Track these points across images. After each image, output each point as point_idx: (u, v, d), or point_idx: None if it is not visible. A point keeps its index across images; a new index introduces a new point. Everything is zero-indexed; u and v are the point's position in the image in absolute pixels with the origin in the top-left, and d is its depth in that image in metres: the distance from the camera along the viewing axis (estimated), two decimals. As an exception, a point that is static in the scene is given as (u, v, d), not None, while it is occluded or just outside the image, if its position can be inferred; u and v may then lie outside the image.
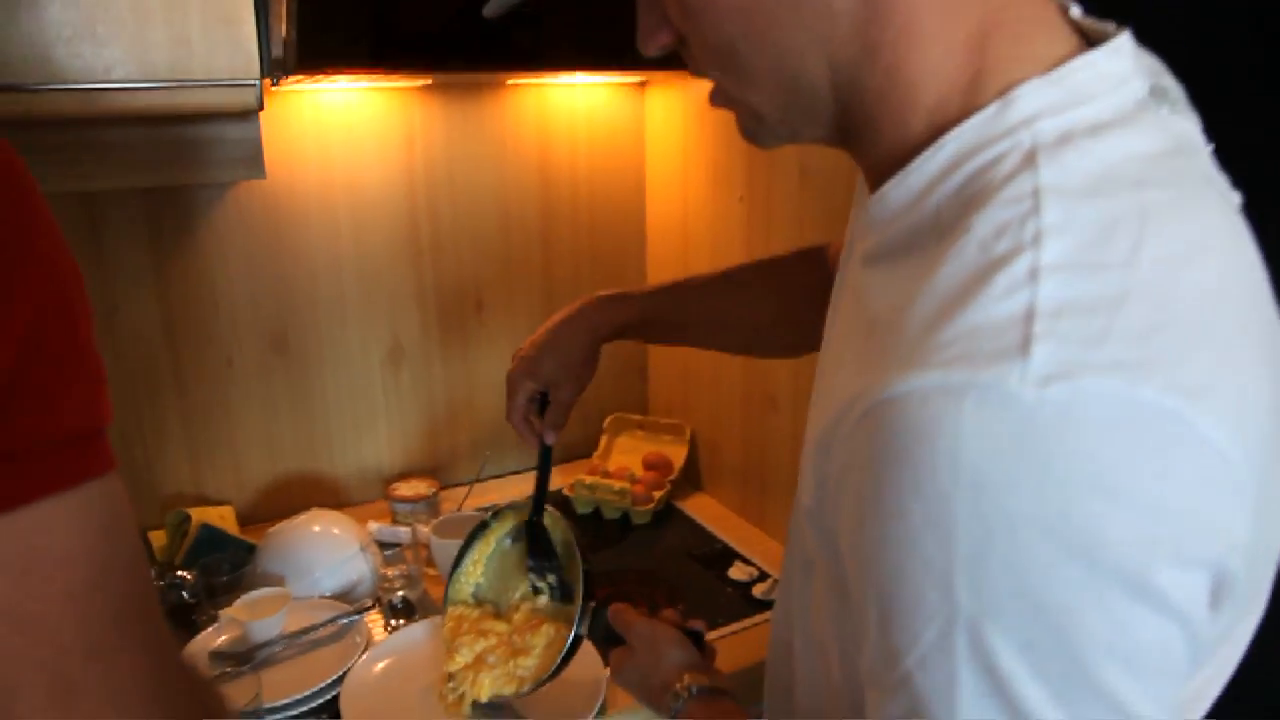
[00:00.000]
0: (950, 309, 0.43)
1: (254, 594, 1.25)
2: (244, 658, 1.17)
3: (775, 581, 1.37)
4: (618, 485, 1.60)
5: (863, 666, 0.48)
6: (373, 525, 1.50)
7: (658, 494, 1.63)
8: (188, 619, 1.27)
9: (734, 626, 1.28)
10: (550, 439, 1.07)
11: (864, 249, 0.56)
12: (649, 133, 1.76)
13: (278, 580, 1.31)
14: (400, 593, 1.33)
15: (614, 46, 1.29)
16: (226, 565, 1.35)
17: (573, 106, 1.69)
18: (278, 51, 1.11)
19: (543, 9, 1.19)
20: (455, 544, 1.28)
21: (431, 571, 1.43)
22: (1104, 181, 0.44)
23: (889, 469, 0.42)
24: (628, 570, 1.45)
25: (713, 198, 1.58)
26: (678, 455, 1.73)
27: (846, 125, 0.55)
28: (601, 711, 1.09)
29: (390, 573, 1.36)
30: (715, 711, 0.81)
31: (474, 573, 1.14)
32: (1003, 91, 0.48)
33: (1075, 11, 0.54)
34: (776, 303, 1.04)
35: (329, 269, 1.54)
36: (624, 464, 1.72)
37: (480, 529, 1.14)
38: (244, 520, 1.52)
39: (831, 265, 1.02)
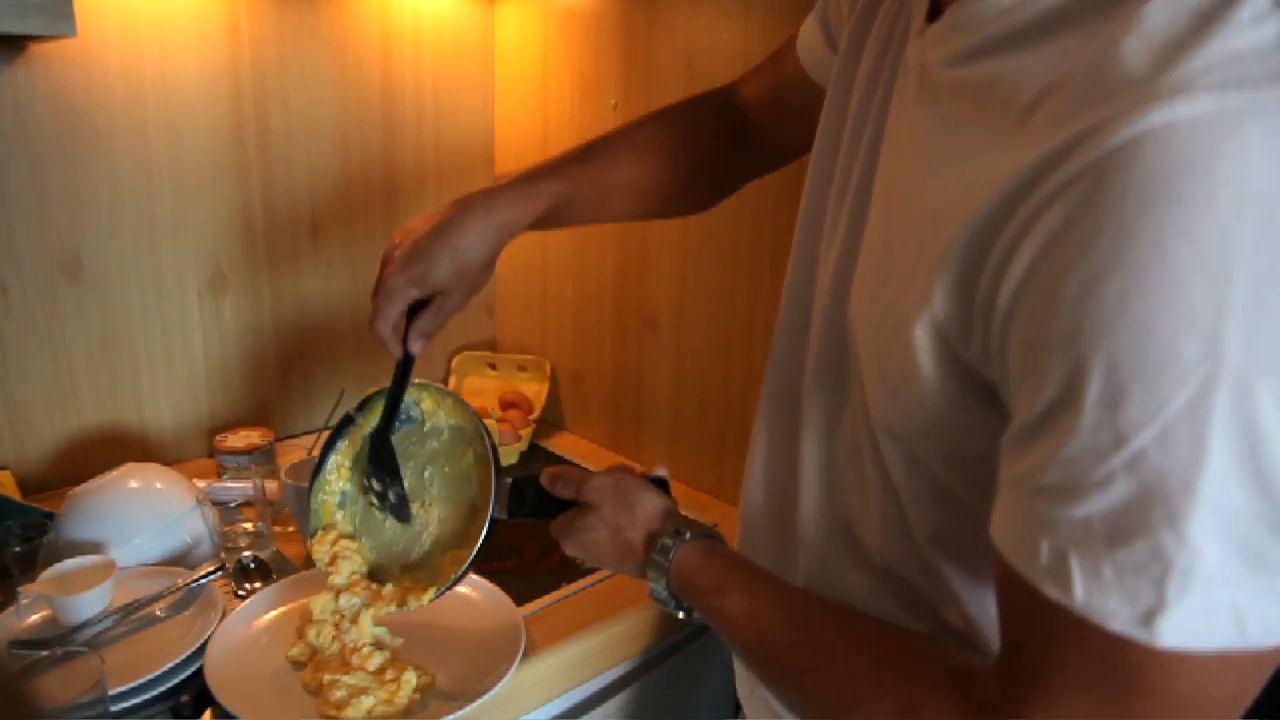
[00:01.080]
0: (1190, 39, 0.40)
1: (64, 565, 1.01)
2: (60, 643, 0.94)
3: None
4: (480, 426, 1.46)
5: (1022, 475, 0.45)
6: (200, 483, 1.27)
7: (524, 432, 1.50)
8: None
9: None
10: (417, 348, 0.91)
11: (969, 44, 0.52)
12: (499, 45, 1.61)
13: (90, 549, 1.07)
14: (248, 553, 1.13)
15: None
16: (16, 538, 1.09)
17: (418, 15, 1.51)
18: None
19: None
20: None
21: (283, 529, 1.23)
22: None
23: (1144, 211, 0.38)
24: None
25: (579, 106, 1.46)
26: (537, 393, 1.61)
27: None
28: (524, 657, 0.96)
29: (234, 530, 1.15)
30: (716, 555, 0.71)
31: (339, 477, 0.98)
32: None
33: None
34: (689, 159, 0.96)
35: (135, 177, 1.28)
36: (479, 405, 1.57)
37: (345, 425, 0.98)
38: (29, 489, 1.25)
39: (747, 105, 0.96)
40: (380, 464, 0.95)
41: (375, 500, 0.96)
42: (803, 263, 0.76)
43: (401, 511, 0.95)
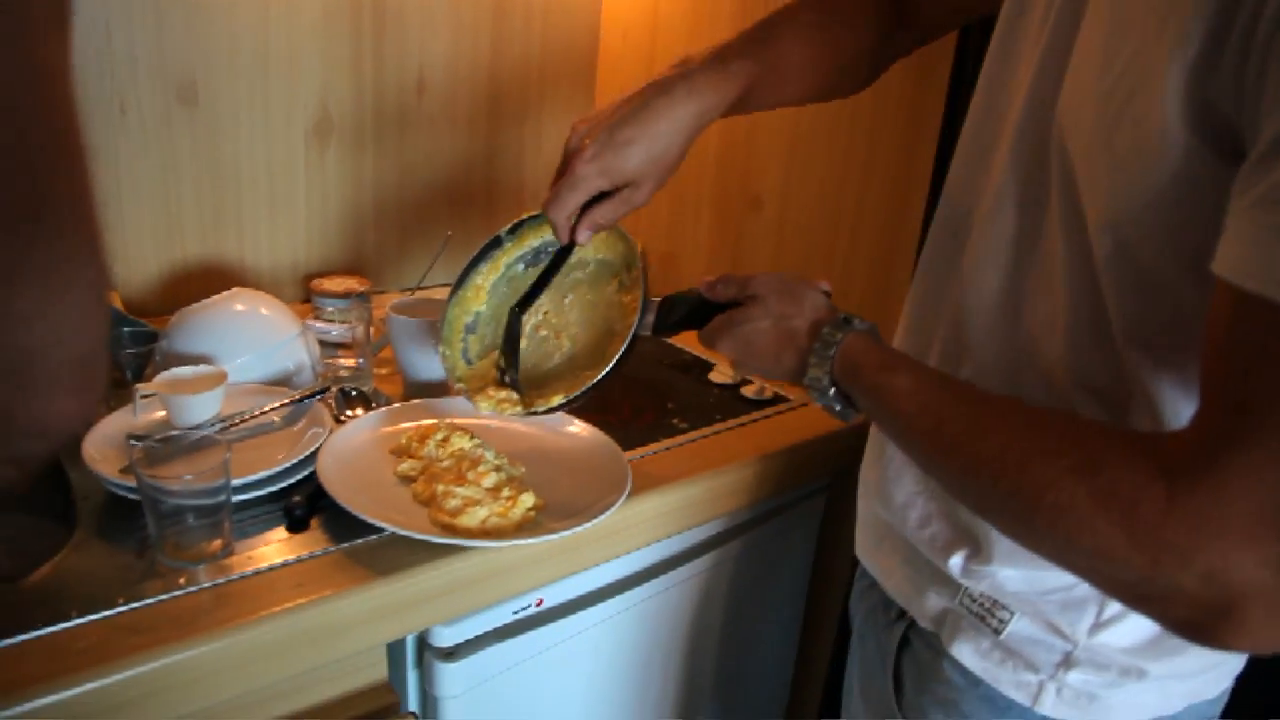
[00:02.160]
0: None
1: (178, 370, 1.02)
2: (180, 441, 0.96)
3: (763, 384, 1.28)
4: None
5: (1269, 188, 0.44)
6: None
7: (613, 310, 1.49)
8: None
9: (730, 423, 1.18)
10: (584, 239, 0.86)
11: None
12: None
13: (198, 361, 1.08)
14: (350, 385, 1.14)
15: None
16: (126, 350, 1.10)
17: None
18: None
19: None
20: (416, 321, 1.11)
21: (380, 371, 1.24)
22: None
23: None
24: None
25: (689, 39, 1.43)
26: (624, 278, 1.59)
27: None
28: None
29: (335, 363, 1.16)
30: (883, 343, 0.71)
31: (476, 298, 0.98)
32: None
33: None
34: (853, 38, 0.92)
35: (252, 9, 1.27)
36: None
37: (492, 246, 0.97)
38: (131, 313, 1.26)
39: None
40: (506, 341, 0.93)
41: (499, 373, 0.95)
42: (988, 99, 0.73)
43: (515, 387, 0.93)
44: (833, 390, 0.72)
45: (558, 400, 0.89)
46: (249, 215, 1.35)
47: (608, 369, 0.87)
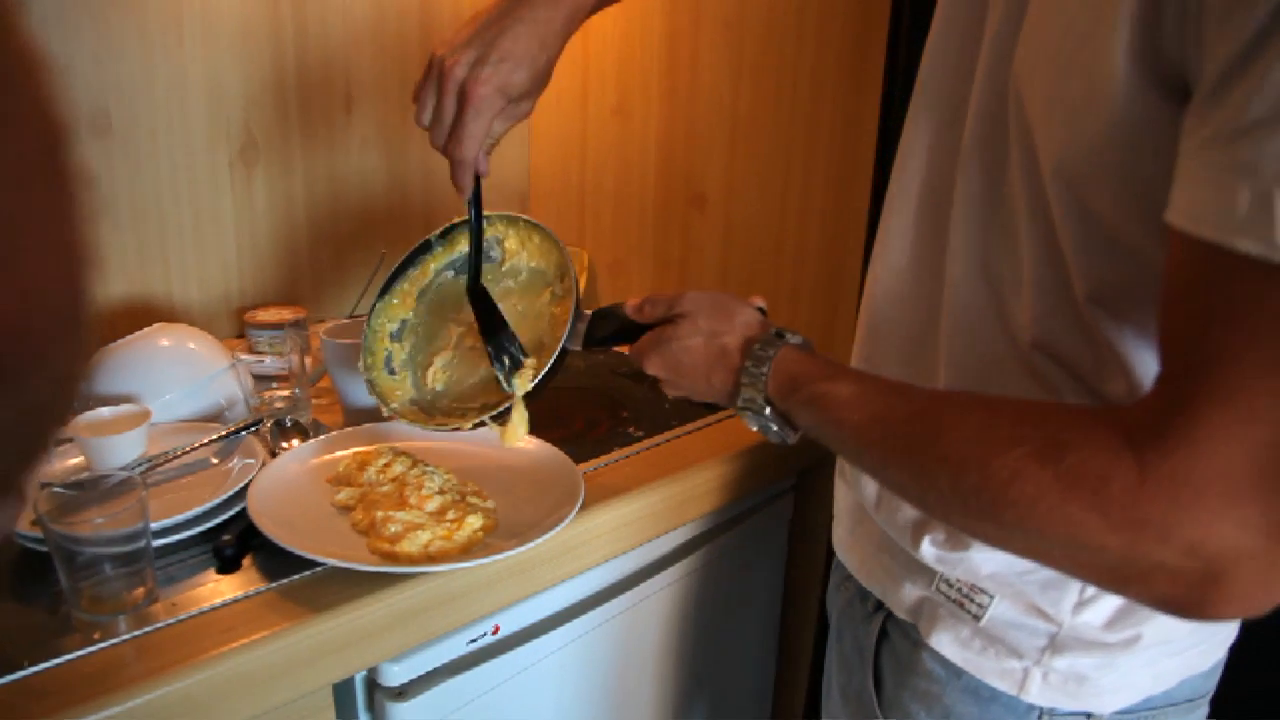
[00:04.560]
0: None
1: (98, 411, 0.96)
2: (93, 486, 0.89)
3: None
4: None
5: (1220, 123, 0.42)
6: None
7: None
8: None
9: (689, 427, 1.14)
10: (486, 167, 0.83)
11: None
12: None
13: (122, 401, 1.02)
14: (287, 417, 1.08)
15: None
16: (45, 392, 1.04)
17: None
18: None
19: None
20: (354, 344, 1.06)
21: (319, 401, 1.18)
22: None
23: None
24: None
25: None
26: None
27: None
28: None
29: (270, 395, 1.10)
30: (819, 355, 0.68)
31: (403, 304, 0.93)
32: None
33: None
34: None
35: (166, 33, 1.21)
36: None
37: (421, 251, 0.93)
38: (55, 351, 1.19)
39: None
40: (488, 327, 0.87)
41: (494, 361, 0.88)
42: (955, 45, 0.70)
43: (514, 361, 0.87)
44: (768, 409, 0.68)
45: (480, 419, 0.84)
46: (174, 248, 1.29)
47: (532, 385, 0.82)
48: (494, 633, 0.92)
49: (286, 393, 1.12)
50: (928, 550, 0.69)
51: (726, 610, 1.21)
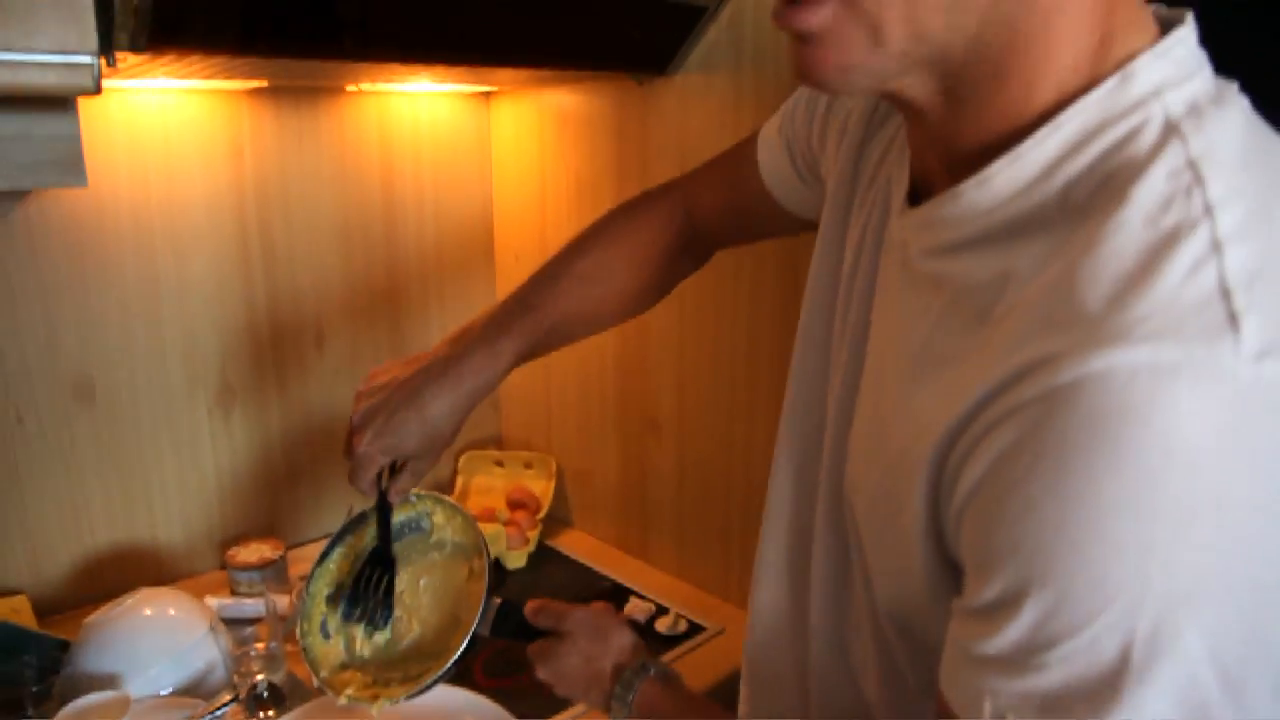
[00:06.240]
0: (1134, 284, 0.43)
1: (82, 701, 1.02)
2: (78, 785, 0.95)
3: (678, 615, 1.30)
4: (489, 529, 1.47)
5: (967, 642, 0.48)
6: (212, 601, 1.28)
7: (531, 534, 1.51)
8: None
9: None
10: (397, 501, 0.96)
11: (946, 240, 0.54)
12: (496, 145, 1.64)
13: (106, 681, 1.08)
14: (261, 677, 1.14)
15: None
16: (32, 672, 1.10)
17: (416, 118, 1.54)
18: (122, 20, 0.87)
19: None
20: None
21: (295, 649, 1.24)
22: (1246, 152, 0.46)
23: (1082, 451, 0.41)
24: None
25: (576, 202, 1.49)
26: (543, 490, 1.62)
27: (958, 82, 0.50)
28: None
29: (246, 654, 1.16)
30: (679, 688, 0.81)
31: (339, 571, 1.00)
32: (1120, 64, 0.48)
33: None
34: (637, 281, 0.99)
35: (144, 300, 1.30)
36: (486, 505, 1.59)
37: (357, 521, 1.01)
38: (44, 611, 1.26)
39: (704, 213, 0.98)
40: (359, 599, 0.97)
41: (345, 616, 0.98)
42: (811, 369, 0.76)
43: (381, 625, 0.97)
44: None
45: (402, 695, 0.90)
46: (158, 495, 1.36)
47: (446, 666, 0.89)
48: None
49: (263, 645, 1.17)
50: None
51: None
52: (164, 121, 1.27)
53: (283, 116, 1.38)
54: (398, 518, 1.03)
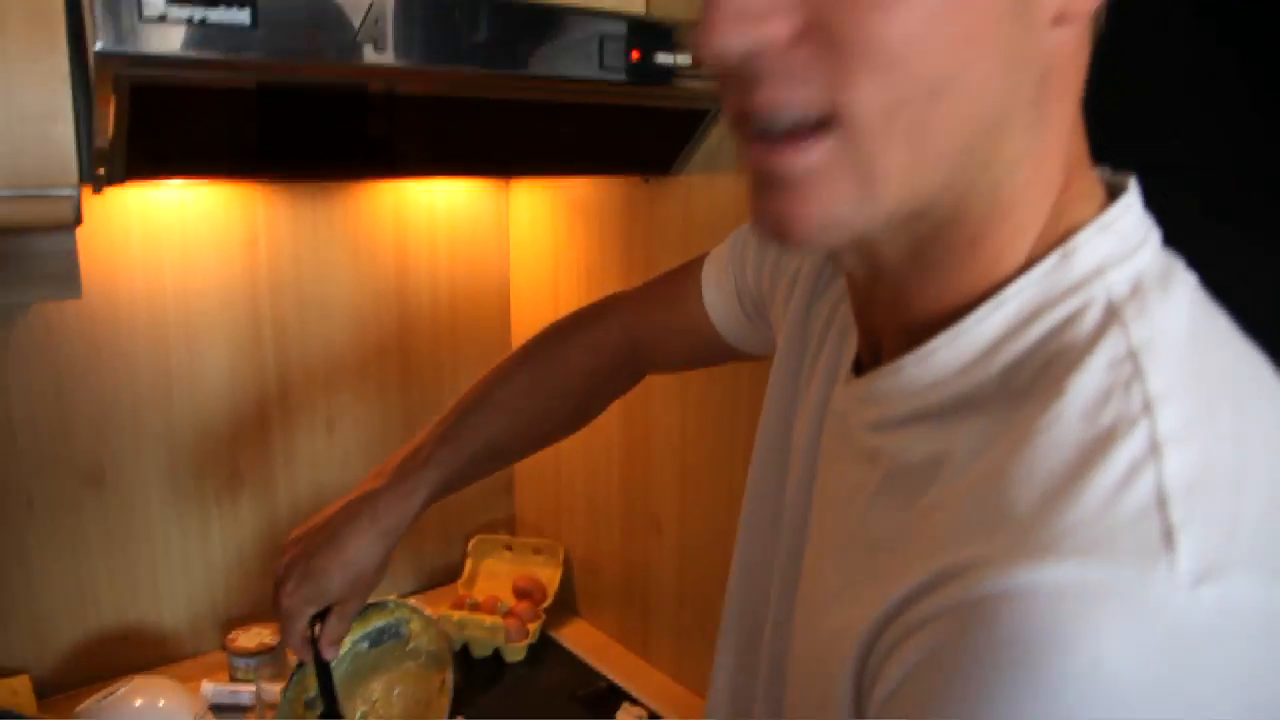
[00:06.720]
0: (1066, 488, 0.39)
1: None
2: None
3: (669, 724, 1.27)
4: (489, 621, 1.46)
5: None
6: (208, 687, 1.30)
7: (532, 626, 1.50)
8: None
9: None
10: (332, 655, 0.94)
11: (884, 415, 0.53)
12: (514, 232, 1.66)
13: (92, 773, 1.10)
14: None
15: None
16: (23, 754, 1.12)
17: (432, 205, 1.57)
18: (102, 152, 0.92)
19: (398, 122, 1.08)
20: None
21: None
22: (1191, 339, 0.44)
23: (1001, 673, 0.37)
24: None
25: (586, 289, 1.50)
26: (550, 578, 1.60)
27: (932, 245, 0.48)
28: None
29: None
30: None
31: (310, 686, 1.00)
32: (1063, 238, 0.46)
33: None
34: (568, 404, 0.99)
35: (157, 390, 1.34)
36: (492, 592, 1.58)
37: (300, 674, 1.01)
38: (45, 691, 1.28)
39: (642, 335, 0.97)
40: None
41: None
42: (758, 554, 0.75)
43: None
44: None
45: None
46: (164, 577, 1.38)
47: None
48: None
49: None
50: None
51: None
52: (180, 215, 1.31)
53: (298, 206, 1.42)
54: (376, 623, 1.04)
